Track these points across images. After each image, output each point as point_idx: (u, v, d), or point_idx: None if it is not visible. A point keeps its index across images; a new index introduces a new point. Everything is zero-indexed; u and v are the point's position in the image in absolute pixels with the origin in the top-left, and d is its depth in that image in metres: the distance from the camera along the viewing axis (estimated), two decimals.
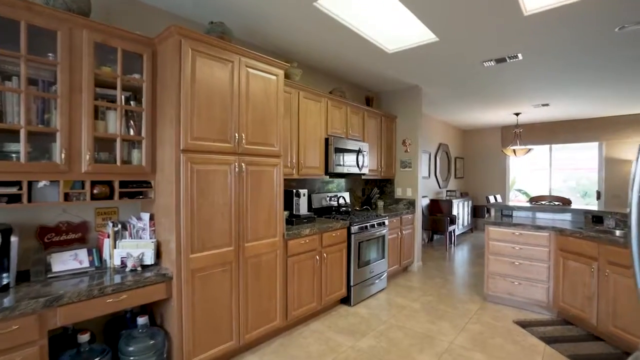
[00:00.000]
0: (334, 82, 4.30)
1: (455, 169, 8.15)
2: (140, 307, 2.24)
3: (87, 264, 2.01)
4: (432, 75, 4.14)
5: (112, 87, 2.06)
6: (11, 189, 1.67)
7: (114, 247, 2.10)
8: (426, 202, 6.48)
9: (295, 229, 2.81)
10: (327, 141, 3.52)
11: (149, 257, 2.10)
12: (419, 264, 4.81)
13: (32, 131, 1.75)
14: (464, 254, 5.69)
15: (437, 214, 6.56)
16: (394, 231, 4.18)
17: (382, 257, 3.82)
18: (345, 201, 4.02)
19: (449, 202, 6.47)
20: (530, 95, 5.05)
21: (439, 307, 3.35)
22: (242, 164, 2.34)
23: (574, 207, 3.45)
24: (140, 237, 2.23)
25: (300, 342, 2.63)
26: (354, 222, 3.37)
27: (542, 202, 3.91)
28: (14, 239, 1.68)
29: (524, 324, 2.89)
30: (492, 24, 2.70)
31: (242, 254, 2.34)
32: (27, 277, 1.79)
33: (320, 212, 3.81)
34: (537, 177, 8.47)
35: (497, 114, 6.62)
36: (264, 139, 2.49)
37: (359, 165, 3.84)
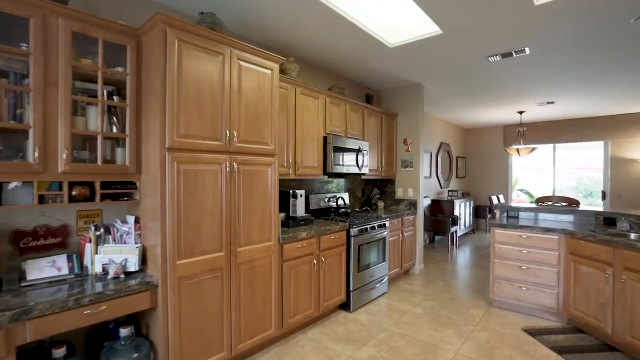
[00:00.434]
0: (333, 78, 4.16)
1: (456, 169, 8.01)
2: (126, 316, 2.09)
3: (66, 271, 1.87)
4: (434, 71, 3.99)
5: (94, 80, 1.91)
6: None
7: (96, 252, 1.96)
8: (427, 202, 6.33)
9: (291, 232, 2.67)
10: (325, 140, 3.38)
11: (133, 263, 1.96)
12: (421, 266, 4.66)
13: (3, 128, 1.61)
14: (466, 256, 5.55)
15: (438, 214, 6.41)
16: (395, 233, 4.04)
17: (383, 260, 3.67)
18: (344, 202, 3.87)
19: (451, 203, 6.32)
20: (535, 92, 4.90)
21: (442, 312, 3.21)
22: (234, 163, 2.19)
23: (583, 208, 3.30)
24: (124, 242, 2.08)
25: (296, 352, 2.48)
26: (354, 224, 3.23)
27: (549, 202, 3.76)
28: None
29: (533, 332, 2.74)
30: (501, 14, 2.55)
31: (234, 260, 2.19)
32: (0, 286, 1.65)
33: (318, 213, 3.67)
34: (538, 177, 8.34)
35: (500, 113, 6.47)
36: (257, 136, 2.34)
37: (358, 164, 3.70)
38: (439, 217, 6.02)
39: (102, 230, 2.05)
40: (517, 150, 6.32)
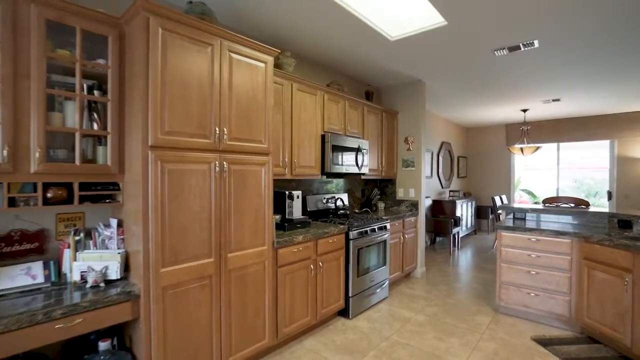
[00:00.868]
0: (331, 74, 4.01)
1: (458, 169, 7.85)
2: (109, 327, 1.94)
3: (41, 280, 1.73)
4: (436, 67, 3.84)
5: (73, 74, 1.77)
6: None
7: (75, 259, 1.81)
8: (428, 202, 6.18)
9: (287, 236, 2.52)
10: (323, 138, 3.23)
11: (114, 270, 1.81)
12: (423, 269, 4.51)
13: None
14: (468, 258, 5.39)
15: (440, 215, 6.26)
16: (395, 235, 3.89)
17: (384, 264, 3.52)
18: (343, 203, 3.72)
19: (453, 203, 6.17)
20: (541, 89, 4.75)
21: (446, 319, 3.05)
22: (224, 162, 2.04)
23: (596, 210, 3.14)
24: (106, 247, 1.94)
25: None
26: (353, 227, 3.08)
27: (556, 204, 3.61)
28: None
29: (544, 342, 2.59)
30: (510, 4, 2.40)
31: (224, 266, 2.05)
32: None
33: (316, 215, 3.52)
34: (540, 176, 8.18)
35: (503, 111, 6.31)
36: (250, 134, 2.20)
37: (358, 164, 3.55)
38: (441, 218, 5.87)
39: (83, 234, 1.91)
40: (521, 149, 6.17)
